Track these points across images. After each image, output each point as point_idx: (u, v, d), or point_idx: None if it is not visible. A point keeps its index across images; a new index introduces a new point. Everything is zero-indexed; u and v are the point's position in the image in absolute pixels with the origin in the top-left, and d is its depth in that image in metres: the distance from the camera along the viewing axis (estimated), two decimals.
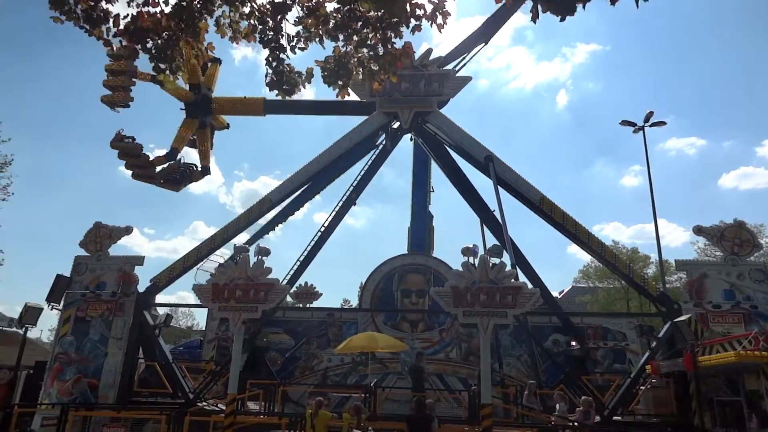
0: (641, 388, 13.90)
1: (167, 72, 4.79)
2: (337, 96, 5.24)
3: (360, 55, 5.01)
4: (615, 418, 13.55)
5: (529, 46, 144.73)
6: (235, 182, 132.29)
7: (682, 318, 11.58)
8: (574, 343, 18.40)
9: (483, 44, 19.30)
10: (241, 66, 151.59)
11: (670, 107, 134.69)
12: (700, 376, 11.06)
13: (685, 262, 15.16)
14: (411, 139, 25.81)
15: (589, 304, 40.22)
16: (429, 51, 18.57)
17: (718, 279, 14.07)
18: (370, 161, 21.71)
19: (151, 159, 18.18)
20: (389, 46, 4.97)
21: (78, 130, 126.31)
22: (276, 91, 5.22)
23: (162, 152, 18.85)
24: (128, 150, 17.52)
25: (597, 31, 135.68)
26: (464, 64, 19.17)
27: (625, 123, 29.62)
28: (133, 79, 16.76)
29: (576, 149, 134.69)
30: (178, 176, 18.72)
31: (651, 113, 28.49)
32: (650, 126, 28.62)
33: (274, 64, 5.05)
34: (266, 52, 5.02)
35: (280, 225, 19.23)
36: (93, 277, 16.57)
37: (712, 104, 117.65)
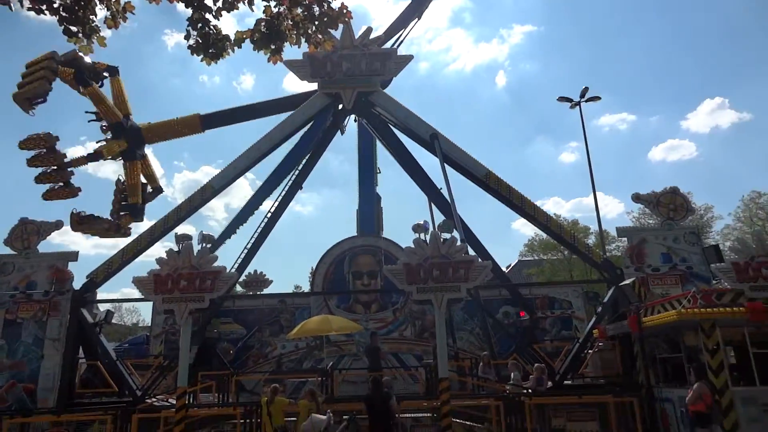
0: (589, 351, 14.41)
1: (80, 36, 4.29)
2: (268, 60, 4.90)
3: (294, 15, 4.67)
4: (566, 382, 14.00)
5: (467, 27, 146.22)
6: (175, 173, 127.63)
7: (627, 282, 12.00)
8: (523, 314, 18.91)
9: (417, 19, 19.45)
10: (174, 53, 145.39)
11: (602, 85, 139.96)
12: (644, 337, 11.53)
13: (625, 228, 15.75)
14: (355, 120, 25.55)
15: (535, 276, 41.55)
16: (369, 30, 18.22)
17: (656, 243, 14.70)
18: (313, 144, 21.32)
19: (119, 223, 16.51)
20: (325, 6, 4.67)
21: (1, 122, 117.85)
22: (201, 56, 4.80)
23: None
24: (94, 228, 16.02)
25: (532, 12, 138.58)
26: (401, 41, 19.23)
27: (562, 99, 30.44)
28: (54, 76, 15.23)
29: (516, 128, 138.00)
30: (139, 216, 17.21)
31: (586, 89, 29.36)
32: (586, 101, 29.51)
33: (199, 25, 4.63)
34: (188, 12, 4.58)
35: (240, 227, 18.55)
36: (22, 277, 15.45)
37: (641, 81, 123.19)
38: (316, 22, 4.68)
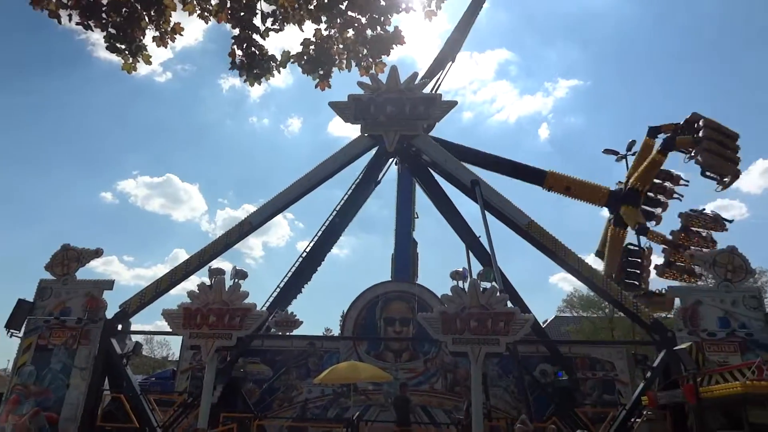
0: (636, 420, 13.29)
1: (126, 53, 4.21)
2: (316, 86, 4.72)
3: (345, 38, 4.50)
4: None
5: (512, 80, 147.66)
6: (218, 210, 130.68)
7: (683, 346, 11.08)
8: (560, 373, 17.81)
9: (451, 62, 20.25)
10: (229, 96, 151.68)
11: None
12: (701, 408, 10.51)
13: (678, 288, 14.79)
14: (395, 164, 25.55)
15: (573, 334, 39.68)
16: (414, 75, 18.35)
17: (712, 306, 13.68)
18: (355, 185, 21.30)
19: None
20: (378, 29, 4.47)
21: (63, 156, 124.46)
22: (244, 77, 4.67)
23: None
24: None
25: (577, 67, 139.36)
26: (439, 84, 19.89)
27: (607, 152, 29.75)
28: None
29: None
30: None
31: (633, 142, 28.53)
32: (633, 155, 28.83)
33: (245, 45, 4.50)
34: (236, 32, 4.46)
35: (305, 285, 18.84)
36: (58, 302, 15.56)
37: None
38: (368, 46, 4.49)
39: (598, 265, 17.88)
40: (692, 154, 16.04)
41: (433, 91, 18.89)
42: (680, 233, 15.50)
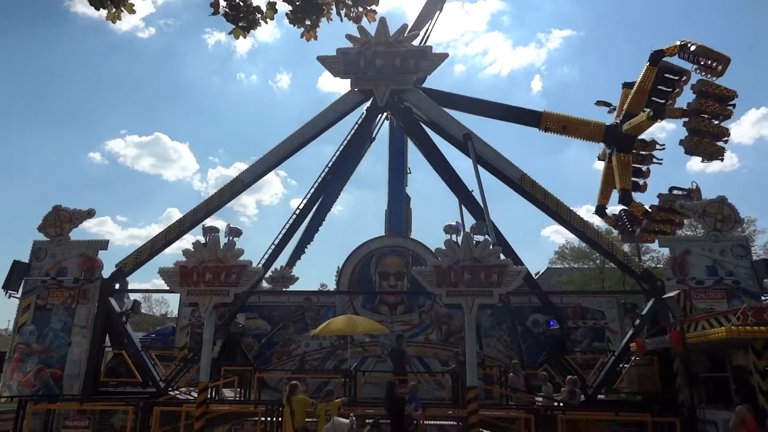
0: (625, 366, 13.75)
1: (108, 3, 4.06)
2: (301, 36, 4.60)
3: None
4: (599, 396, 13.38)
5: (505, 31, 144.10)
6: (209, 169, 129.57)
7: (671, 294, 11.34)
8: (553, 323, 18.29)
9: (438, 11, 20.16)
10: (214, 52, 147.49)
11: None
12: (687, 354, 10.87)
13: (667, 238, 14.99)
14: (387, 119, 25.26)
15: (565, 285, 40.50)
16: (404, 27, 17.82)
17: (701, 255, 13.91)
18: (348, 142, 21.14)
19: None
20: None
21: (43, 114, 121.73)
22: (230, 30, 4.54)
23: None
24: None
25: (572, 17, 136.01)
26: (428, 35, 19.63)
27: (600, 103, 29.26)
28: None
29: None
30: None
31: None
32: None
33: None
34: None
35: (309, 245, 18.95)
36: (53, 263, 15.61)
37: None
38: None
39: (590, 218, 18.06)
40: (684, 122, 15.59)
41: (423, 43, 18.52)
42: (658, 210, 15.54)
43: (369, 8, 4.56)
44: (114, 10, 4.21)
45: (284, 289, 22.96)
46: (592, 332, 20.32)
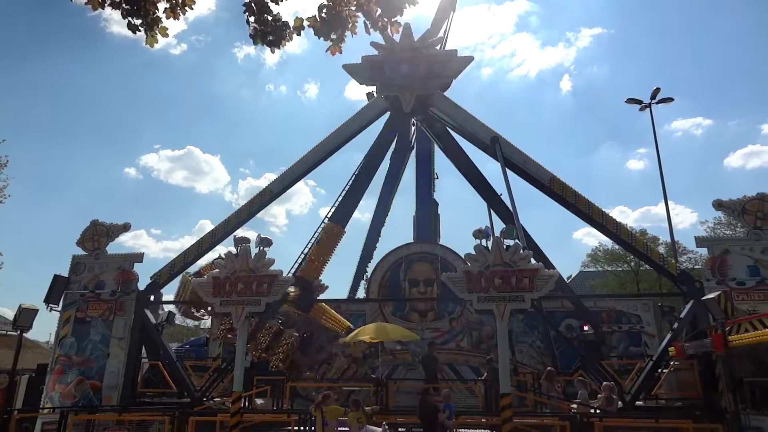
0: (663, 371, 13.34)
1: (142, 27, 4.19)
2: (327, 50, 4.65)
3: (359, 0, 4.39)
4: (638, 403, 13.01)
5: (533, 32, 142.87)
6: (240, 180, 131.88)
7: (711, 296, 10.94)
8: (586, 327, 17.87)
9: (452, 11, 20.77)
10: (244, 65, 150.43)
11: (676, 88, 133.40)
12: (730, 357, 10.48)
13: (706, 238, 14.53)
14: (413, 125, 25.24)
15: (599, 288, 39.61)
16: (429, 32, 17.92)
17: (741, 255, 13.43)
18: (377, 150, 21.18)
19: None
20: None
21: (82, 131, 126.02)
22: (260, 44, 4.62)
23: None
24: None
25: (601, 15, 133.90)
26: (447, 35, 19.85)
27: (631, 101, 28.96)
28: None
29: (581, 134, 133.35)
30: None
31: (658, 90, 27.83)
32: (657, 103, 27.97)
33: (257, 12, 4.43)
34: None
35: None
36: (92, 277, 16.08)
37: (718, 83, 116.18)
38: (382, 6, 4.38)
39: (623, 219, 17.63)
40: None
41: (442, 44, 18.54)
42: None
43: (393, 20, 4.58)
44: (148, 34, 4.31)
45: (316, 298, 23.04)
46: (628, 336, 19.75)
